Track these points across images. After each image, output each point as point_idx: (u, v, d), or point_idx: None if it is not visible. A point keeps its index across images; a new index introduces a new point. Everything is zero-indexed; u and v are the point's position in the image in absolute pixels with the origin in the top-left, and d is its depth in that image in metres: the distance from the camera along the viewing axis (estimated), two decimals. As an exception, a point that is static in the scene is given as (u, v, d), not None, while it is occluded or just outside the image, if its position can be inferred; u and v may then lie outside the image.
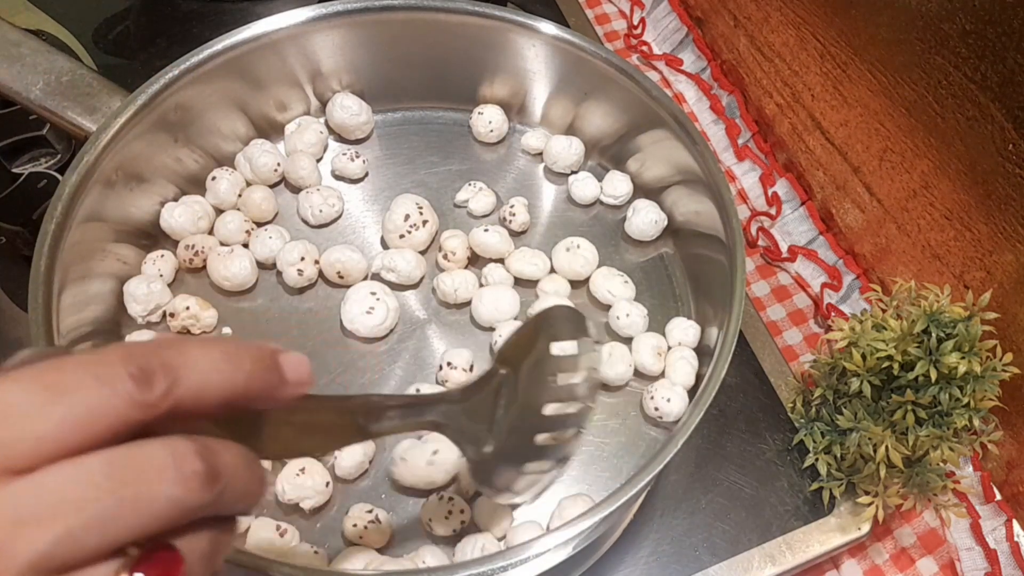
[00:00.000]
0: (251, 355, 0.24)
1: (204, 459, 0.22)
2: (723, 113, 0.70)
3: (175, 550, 0.22)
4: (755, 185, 0.67)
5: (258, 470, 0.25)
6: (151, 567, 0.21)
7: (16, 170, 0.59)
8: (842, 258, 0.62)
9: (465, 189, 0.57)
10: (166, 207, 0.53)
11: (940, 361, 0.45)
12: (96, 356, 0.22)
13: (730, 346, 0.44)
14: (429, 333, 0.53)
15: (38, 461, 0.20)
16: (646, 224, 0.55)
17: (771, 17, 0.63)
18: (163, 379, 0.22)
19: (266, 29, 0.53)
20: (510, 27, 0.55)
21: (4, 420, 0.20)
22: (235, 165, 0.56)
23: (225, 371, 0.23)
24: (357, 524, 0.44)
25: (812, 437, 0.52)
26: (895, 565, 0.53)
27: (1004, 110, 0.46)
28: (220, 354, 0.23)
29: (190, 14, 0.72)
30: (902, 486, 0.49)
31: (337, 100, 0.58)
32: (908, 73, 0.51)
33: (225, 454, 0.23)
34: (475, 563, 0.38)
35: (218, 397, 0.23)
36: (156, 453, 0.21)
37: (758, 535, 0.51)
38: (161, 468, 0.21)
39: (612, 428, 0.50)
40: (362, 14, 0.55)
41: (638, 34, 0.75)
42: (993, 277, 0.50)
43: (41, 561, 0.20)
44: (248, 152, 0.56)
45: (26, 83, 0.50)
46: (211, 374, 0.23)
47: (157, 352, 0.22)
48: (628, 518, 0.50)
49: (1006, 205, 0.48)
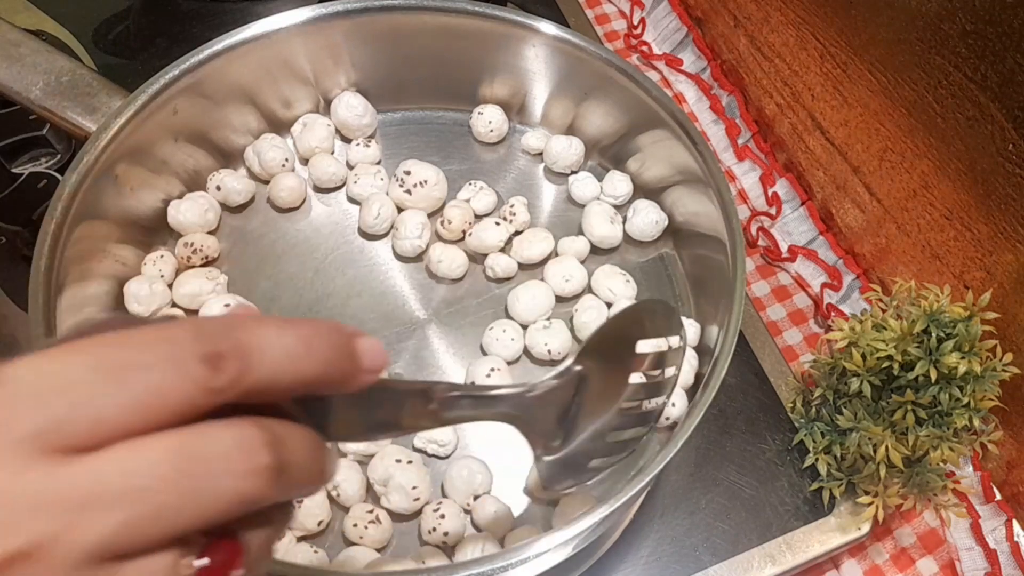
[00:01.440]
0: (328, 341, 0.23)
1: (273, 451, 0.21)
2: (723, 113, 0.70)
3: (236, 539, 0.21)
4: (755, 185, 0.67)
5: (323, 457, 0.24)
6: (211, 557, 0.21)
7: (16, 170, 0.59)
8: (842, 258, 0.62)
9: (466, 188, 0.57)
10: (172, 204, 0.53)
11: (940, 361, 0.45)
12: (164, 332, 0.20)
13: (730, 346, 0.44)
14: (429, 333, 0.53)
15: (98, 442, 0.19)
16: (647, 224, 0.55)
17: (771, 17, 0.63)
18: (234, 364, 0.20)
19: (266, 29, 0.53)
20: (510, 27, 0.55)
21: (64, 397, 0.19)
22: (244, 160, 0.57)
23: (300, 358, 0.22)
24: (357, 524, 0.44)
25: (812, 437, 0.52)
26: (895, 565, 0.53)
27: (1004, 110, 0.46)
28: (295, 339, 0.22)
29: (190, 14, 0.72)
30: (902, 486, 0.49)
31: (343, 99, 0.58)
32: (908, 73, 0.51)
33: (293, 442, 0.22)
34: (475, 563, 0.38)
35: (290, 385, 0.22)
36: (223, 442, 0.20)
37: (758, 535, 0.51)
38: (228, 460, 0.20)
39: (612, 428, 0.50)
40: (362, 14, 0.55)
41: (638, 34, 0.75)
42: (993, 277, 0.50)
43: (102, 548, 0.19)
44: (257, 147, 0.56)
45: (26, 83, 0.50)
46: (284, 361, 0.22)
47: (229, 332, 0.21)
48: (628, 518, 0.50)
49: (1006, 205, 0.48)
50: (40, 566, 0.18)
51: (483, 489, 0.47)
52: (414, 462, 0.46)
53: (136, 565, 0.19)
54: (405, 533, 0.46)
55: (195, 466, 0.20)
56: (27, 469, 0.18)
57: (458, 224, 0.54)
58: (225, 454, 0.20)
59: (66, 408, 0.19)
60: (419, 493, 0.45)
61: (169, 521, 0.19)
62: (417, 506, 0.45)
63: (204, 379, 0.20)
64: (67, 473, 0.19)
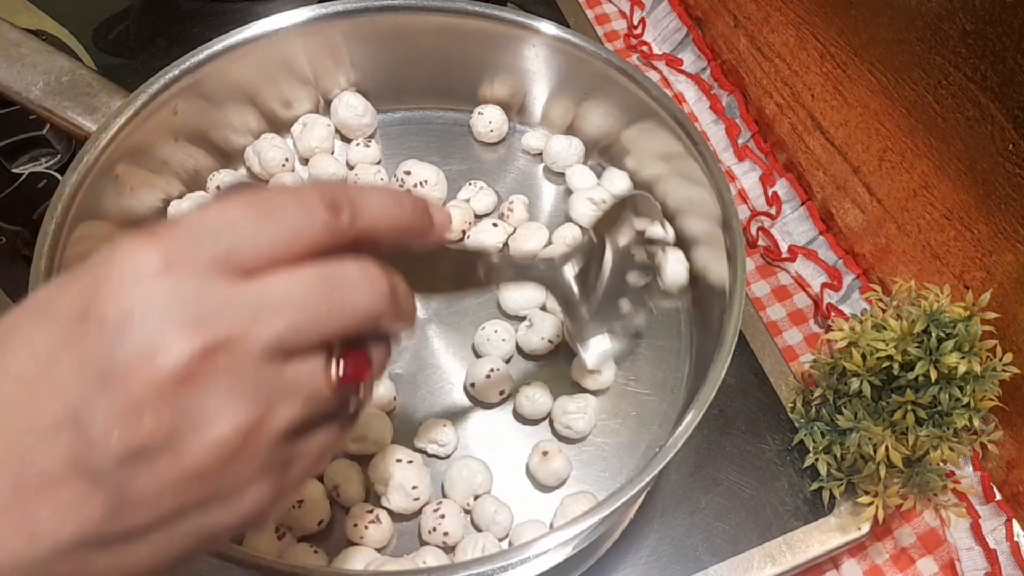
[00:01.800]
0: (412, 201, 0.29)
1: (388, 280, 0.27)
2: (723, 113, 0.70)
3: (365, 352, 0.27)
4: (755, 185, 0.67)
5: (413, 297, 0.30)
6: (349, 360, 0.26)
7: (16, 170, 0.59)
8: (842, 258, 0.62)
9: (466, 188, 0.57)
10: (172, 204, 0.53)
11: (940, 361, 0.45)
12: (294, 188, 0.26)
13: (730, 346, 0.44)
14: (429, 333, 0.53)
15: (259, 266, 0.24)
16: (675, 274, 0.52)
17: (771, 17, 0.63)
18: (348, 210, 0.26)
19: (266, 29, 0.53)
20: (510, 27, 0.55)
21: (231, 230, 0.24)
22: (244, 160, 0.57)
23: (393, 210, 0.28)
24: (357, 524, 0.44)
25: (812, 437, 0.52)
26: (895, 565, 0.53)
27: (1004, 110, 0.46)
28: (388, 196, 0.28)
29: (190, 14, 0.72)
30: (902, 486, 0.49)
31: (343, 99, 0.58)
32: (908, 73, 0.51)
33: (396, 278, 0.28)
34: (475, 563, 0.38)
35: (388, 230, 0.28)
36: (354, 270, 0.26)
37: (758, 535, 0.51)
38: (359, 281, 0.26)
39: (612, 428, 0.50)
40: (362, 14, 0.55)
41: (638, 34, 0.75)
42: (993, 277, 0.50)
43: (274, 344, 0.24)
44: (257, 147, 0.56)
45: (26, 83, 0.49)
46: (383, 210, 0.27)
47: (343, 189, 0.27)
48: (628, 518, 0.50)
49: (1006, 205, 0.48)
50: (231, 356, 0.23)
51: (483, 489, 0.47)
52: (414, 462, 0.46)
53: (297, 364, 0.25)
54: (405, 533, 0.46)
55: (336, 283, 0.25)
56: (213, 285, 0.23)
57: (458, 224, 0.54)
58: (357, 278, 0.26)
59: (233, 239, 0.24)
60: (419, 493, 0.45)
61: (320, 326, 0.25)
62: (417, 506, 0.46)
63: (328, 220, 0.25)
64: (243, 288, 0.24)
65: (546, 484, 0.48)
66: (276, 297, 0.24)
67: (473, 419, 0.50)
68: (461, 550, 0.44)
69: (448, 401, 0.50)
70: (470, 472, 0.46)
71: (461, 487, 0.46)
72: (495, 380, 0.49)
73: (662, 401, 0.51)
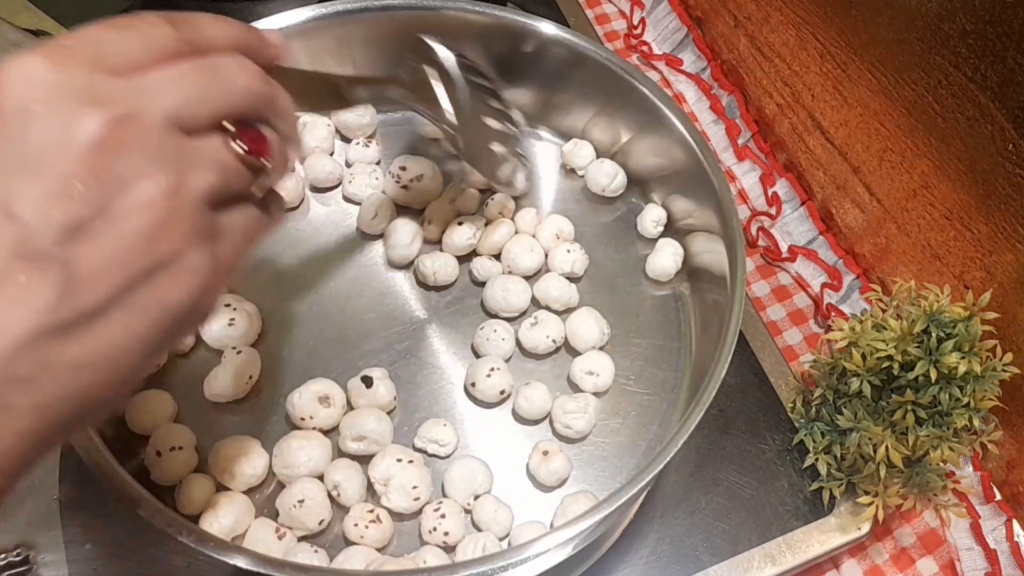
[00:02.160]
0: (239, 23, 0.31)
1: (262, 73, 0.30)
2: (723, 113, 0.70)
3: (260, 131, 0.30)
4: (755, 185, 0.67)
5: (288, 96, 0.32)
6: (247, 137, 0.29)
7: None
8: (842, 258, 0.62)
9: (449, 189, 0.57)
10: None
11: (940, 361, 0.45)
12: (135, 15, 0.28)
13: (730, 346, 0.44)
14: (429, 333, 0.53)
15: (132, 67, 0.26)
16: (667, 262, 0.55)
17: (771, 17, 0.63)
18: (188, 25, 0.29)
19: (266, 29, 0.53)
20: (510, 27, 0.55)
21: (99, 42, 0.26)
22: None
23: (224, 23, 0.30)
24: (357, 524, 0.44)
25: (812, 437, 0.52)
26: (895, 565, 0.53)
27: (1004, 110, 0.46)
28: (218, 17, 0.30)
29: (190, 14, 0.72)
30: (902, 486, 0.49)
31: None
32: (908, 73, 0.51)
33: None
34: (475, 563, 0.38)
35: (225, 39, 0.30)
36: (227, 58, 0.29)
37: (758, 535, 0.51)
38: (233, 65, 0.29)
39: (612, 428, 0.50)
40: (362, 14, 0.55)
41: (638, 34, 0.75)
42: (993, 277, 0.50)
43: (174, 115, 0.26)
44: None
45: (26, 83, 0.49)
46: (216, 24, 0.30)
47: (178, 14, 0.29)
48: (628, 518, 0.50)
49: (1006, 205, 0.48)
50: (137, 127, 0.25)
51: (483, 489, 0.47)
52: (415, 462, 0.46)
53: (200, 140, 0.27)
54: (405, 533, 0.46)
55: (215, 68, 0.28)
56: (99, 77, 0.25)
57: (438, 226, 0.55)
58: (231, 63, 0.29)
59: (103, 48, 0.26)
60: (419, 493, 0.45)
61: (210, 101, 0.28)
62: (417, 506, 0.46)
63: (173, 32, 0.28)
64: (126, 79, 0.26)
65: (546, 484, 0.48)
66: (160, 81, 0.26)
67: (473, 419, 0.50)
68: (461, 550, 0.44)
69: (448, 401, 0.51)
70: (470, 472, 0.46)
71: (461, 487, 0.46)
72: (495, 380, 0.49)
73: (662, 401, 0.51)
